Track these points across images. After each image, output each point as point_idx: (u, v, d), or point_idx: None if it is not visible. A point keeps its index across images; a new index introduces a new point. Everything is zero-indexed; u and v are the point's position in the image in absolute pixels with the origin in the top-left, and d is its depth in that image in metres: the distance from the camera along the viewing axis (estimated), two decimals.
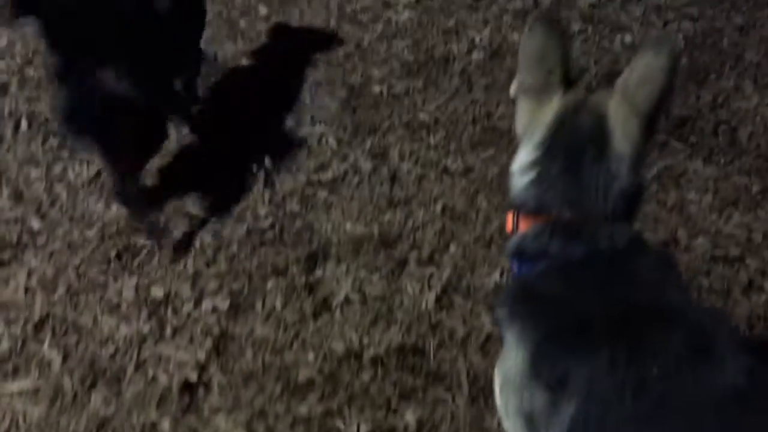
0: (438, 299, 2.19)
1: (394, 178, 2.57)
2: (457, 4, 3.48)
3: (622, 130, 1.17)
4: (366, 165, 2.61)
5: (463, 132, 2.78)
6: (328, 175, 2.57)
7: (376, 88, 2.96)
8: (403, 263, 2.29)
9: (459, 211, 2.46)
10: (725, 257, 2.31)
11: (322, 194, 2.50)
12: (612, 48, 3.20)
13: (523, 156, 1.21)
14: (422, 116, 2.84)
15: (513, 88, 1.25)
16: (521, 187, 1.19)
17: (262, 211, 2.43)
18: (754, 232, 2.39)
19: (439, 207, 2.47)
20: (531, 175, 1.18)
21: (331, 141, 2.70)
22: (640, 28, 3.31)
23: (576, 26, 3.32)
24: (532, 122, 1.21)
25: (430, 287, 2.22)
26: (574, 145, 1.16)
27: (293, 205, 2.46)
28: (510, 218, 1.23)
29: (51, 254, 2.23)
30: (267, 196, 2.47)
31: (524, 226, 1.20)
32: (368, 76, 3.03)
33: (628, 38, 3.25)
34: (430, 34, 3.28)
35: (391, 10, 3.43)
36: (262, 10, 3.39)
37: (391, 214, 2.45)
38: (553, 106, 1.20)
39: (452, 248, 2.34)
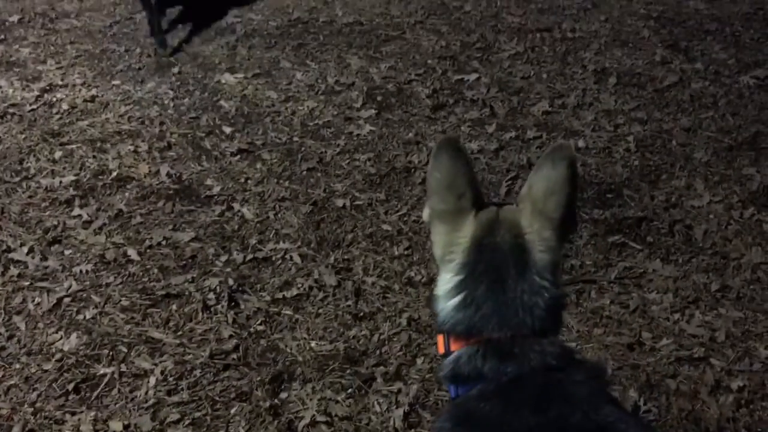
0: (406, 416, 2.15)
1: (358, 292, 2.57)
2: (416, 116, 3.61)
3: (540, 241, 1.20)
4: (330, 280, 2.61)
5: (426, 242, 2.81)
6: (292, 292, 2.56)
7: (339, 202, 3.01)
8: (370, 380, 2.26)
9: (424, 323, 2.45)
10: (690, 358, 2.32)
11: (287, 312, 2.49)
12: (573, 144, 3.30)
13: (446, 279, 1.22)
14: (385, 227, 2.88)
15: (425, 214, 1.28)
16: (449, 311, 1.20)
17: (226, 332, 2.40)
18: (717, 331, 2.41)
19: (404, 319, 2.46)
20: (457, 298, 1.19)
21: (296, 257, 2.71)
22: (592, 133, 3.44)
23: (531, 133, 3.44)
24: (450, 245, 1.23)
25: (397, 404, 2.19)
26: (495, 264, 1.18)
27: (258, 325, 2.44)
28: (441, 341, 1.24)
29: (7, 390, 2.17)
30: (231, 317, 2.45)
31: (456, 348, 1.20)
32: (331, 189, 3.09)
33: (581, 143, 3.37)
34: (391, 146, 3.38)
35: (352, 124, 3.54)
36: (227, 129, 3.47)
37: (357, 329, 2.44)
38: (468, 228, 1.22)
39: (419, 362, 2.32)
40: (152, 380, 2.20)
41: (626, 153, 3.31)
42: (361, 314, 2.48)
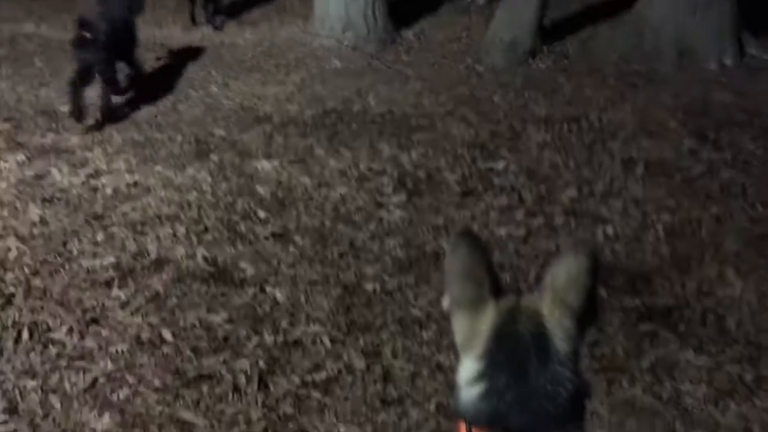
0: None
1: (387, 377, 2.58)
2: (445, 202, 3.69)
3: (561, 331, 1.22)
4: (359, 364, 2.63)
5: None
6: (321, 375, 2.58)
7: (369, 286, 3.06)
8: None
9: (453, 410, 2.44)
10: None
11: (316, 396, 2.50)
12: (595, 240, 3.34)
13: (468, 368, 1.24)
14: (415, 312, 2.91)
15: (446, 303, 1.32)
16: (471, 401, 1.22)
17: (255, 414, 2.42)
18: (752, 423, 2.35)
19: (432, 405, 2.46)
20: (479, 388, 1.21)
21: (326, 340, 2.74)
22: (620, 220, 3.47)
23: (559, 220, 3.49)
24: (471, 334, 1.26)
25: None
26: (517, 354, 1.21)
27: (287, 408, 2.45)
28: (462, 429, 1.25)
29: None
30: (260, 399, 2.47)
31: None
32: (362, 274, 3.14)
33: (609, 230, 3.40)
34: (421, 231, 3.44)
35: (383, 210, 3.62)
36: (261, 213, 3.58)
37: (385, 414, 2.43)
38: (488, 317, 1.25)
39: None
40: None
41: (656, 241, 3.32)
42: (390, 399, 2.49)
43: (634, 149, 4.19)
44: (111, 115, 4.52)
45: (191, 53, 5.86)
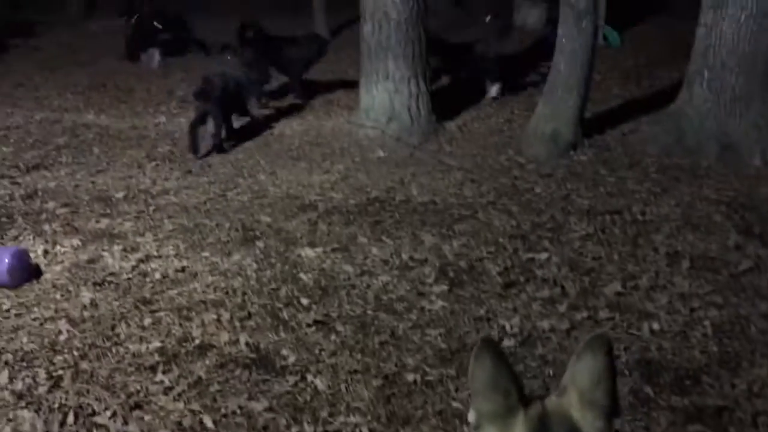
0: None
1: None
2: (487, 293, 3.69)
3: (595, 430, 1.21)
4: None
5: None
6: None
7: (410, 377, 3.04)
8: None
9: None
10: None
11: None
12: (641, 335, 3.29)
13: None
14: (455, 405, 2.87)
15: (472, 417, 1.27)
16: None
17: None
18: None
19: None
20: None
21: None
22: (666, 316, 3.42)
23: (603, 314, 3.45)
24: None
25: None
26: None
27: None
28: None
29: None
30: None
31: None
32: (403, 364, 3.13)
33: (655, 325, 3.34)
34: (463, 322, 3.44)
35: (424, 299, 3.64)
36: (304, 300, 3.63)
37: None
38: (519, 427, 1.23)
39: None
40: None
41: (703, 338, 3.25)
42: None
43: (679, 243, 4.16)
44: (219, 149, 5.90)
45: (240, 141, 6.11)
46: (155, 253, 4.09)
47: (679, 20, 10.44)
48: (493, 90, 7.14)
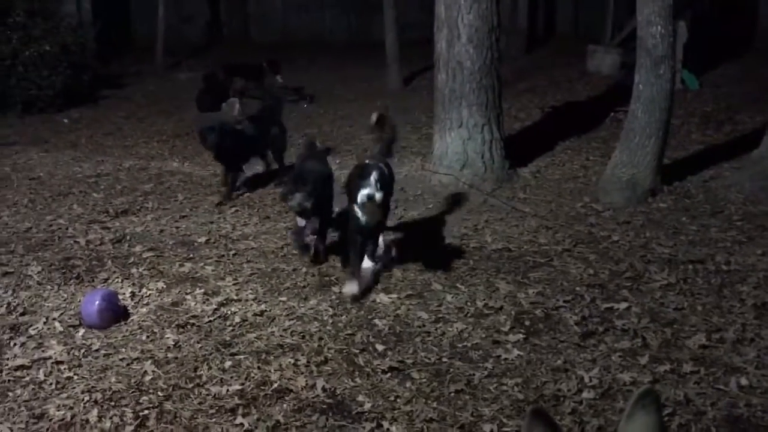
0: None
1: None
2: (564, 342, 3.62)
3: None
4: None
5: None
6: None
7: (487, 427, 3.00)
8: None
9: None
10: None
11: None
12: (729, 391, 3.16)
13: None
14: None
15: None
16: None
17: None
18: None
19: None
20: None
21: None
22: (755, 371, 3.28)
23: (688, 367, 3.34)
24: None
25: None
26: None
27: None
28: None
29: None
30: None
31: None
32: (479, 413, 3.10)
33: (743, 380, 3.21)
34: (540, 372, 3.38)
35: (500, 348, 3.60)
36: (379, 346, 3.65)
37: None
38: None
39: None
40: None
41: None
42: None
43: (767, 294, 3.99)
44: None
45: None
46: (235, 297, 4.21)
47: (762, 62, 10.21)
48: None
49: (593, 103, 8.29)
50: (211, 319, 3.97)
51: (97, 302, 3.83)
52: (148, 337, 3.76)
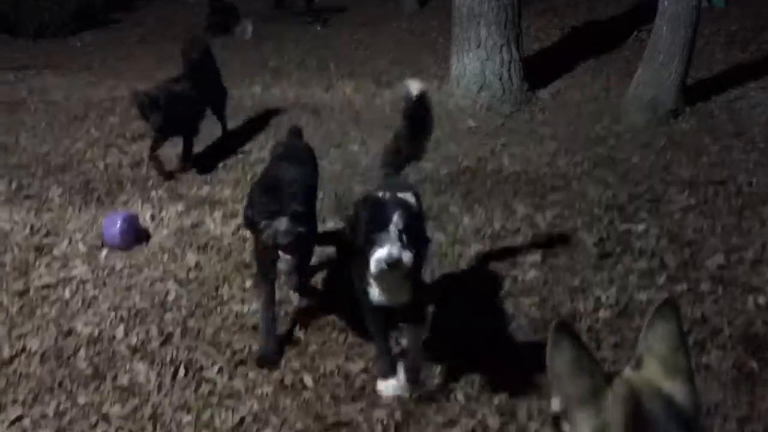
0: None
1: None
2: (582, 263, 3.64)
3: (686, 399, 1.18)
4: (494, 422, 2.62)
5: None
6: (455, 431, 2.59)
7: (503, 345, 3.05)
8: None
9: None
10: None
11: None
12: (745, 309, 3.17)
13: None
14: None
15: (556, 405, 1.21)
16: None
17: None
18: None
19: None
20: None
21: (460, 396, 2.76)
22: None
23: (705, 287, 3.35)
24: (599, 430, 1.17)
25: None
26: None
27: None
28: None
29: None
30: None
31: None
32: (496, 333, 3.14)
33: (761, 299, 3.22)
34: (556, 292, 3.41)
35: (517, 269, 3.62)
36: None
37: None
38: (613, 407, 1.16)
39: None
40: None
41: None
42: None
43: None
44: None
45: (332, 112, 6.20)
46: None
47: None
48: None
49: (616, 23, 8.03)
50: (231, 240, 4.00)
51: (118, 224, 3.88)
52: (169, 258, 3.82)
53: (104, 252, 3.87)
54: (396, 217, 2.43)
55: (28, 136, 5.87)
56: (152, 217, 4.28)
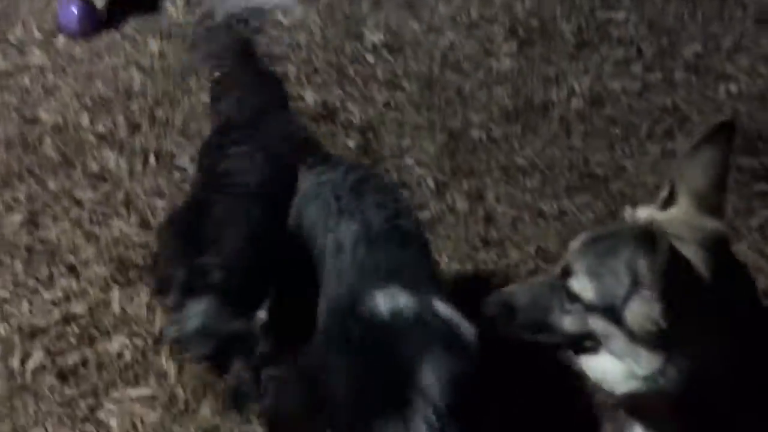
0: None
1: (489, 219, 2.66)
2: (557, 53, 3.56)
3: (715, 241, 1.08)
4: (462, 206, 2.71)
5: (559, 177, 2.84)
6: (425, 214, 2.67)
7: (475, 133, 3.07)
8: None
9: (552, 254, 2.50)
10: None
11: None
12: (716, 97, 3.19)
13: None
14: (519, 161, 2.93)
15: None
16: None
17: None
18: None
19: (532, 248, 2.53)
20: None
21: (430, 182, 2.82)
22: (746, 78, 3.28)
23: (679, 75, 3.33)
24: None
25: None
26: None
27: None
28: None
29: None
30: None
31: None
32: (468, 121, 3.15)
33: (733, 88, 3.22)
34: (530, 82, 3.37)
35: (492, 59, 3.54)
36: (370, 58, 3.57)
37: (485, 253, 2.53)
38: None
39: None
40: None
41: None
42: (491, 240, 2.58)
43: None
44: None
45: None
46: None
47: None
48: None
49: None
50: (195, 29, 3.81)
51: (74, 8, 3.64)
52: (131, 45, 3.65)
53: (61, 39, 3.67)
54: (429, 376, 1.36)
55: None
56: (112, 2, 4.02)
